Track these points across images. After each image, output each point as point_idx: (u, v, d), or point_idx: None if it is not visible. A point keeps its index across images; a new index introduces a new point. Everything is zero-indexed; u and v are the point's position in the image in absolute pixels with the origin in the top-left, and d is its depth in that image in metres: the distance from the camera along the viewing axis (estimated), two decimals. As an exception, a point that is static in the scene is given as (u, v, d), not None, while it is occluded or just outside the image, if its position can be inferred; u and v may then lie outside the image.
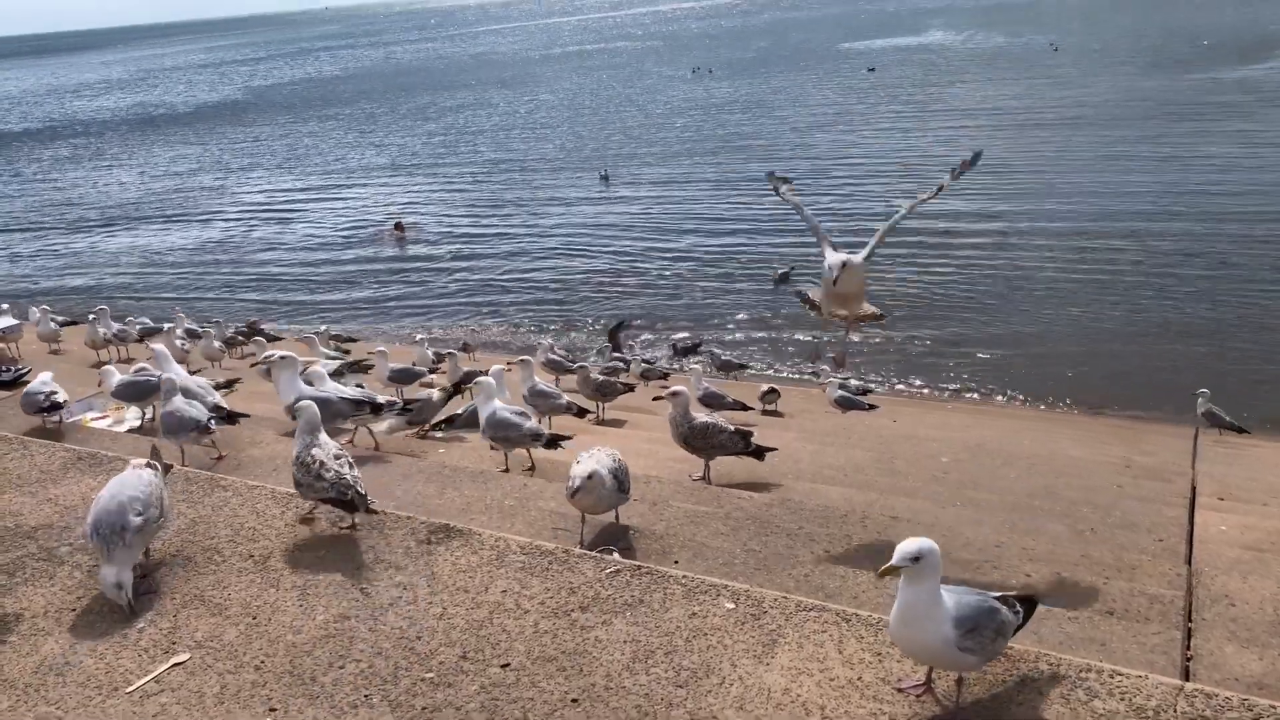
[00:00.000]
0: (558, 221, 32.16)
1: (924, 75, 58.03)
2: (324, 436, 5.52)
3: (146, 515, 4.74)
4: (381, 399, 8.13)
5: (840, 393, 12.36)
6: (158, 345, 9.80)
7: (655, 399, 7.63)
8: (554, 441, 7.53)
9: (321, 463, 5.25)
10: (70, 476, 6.33)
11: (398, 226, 32.59)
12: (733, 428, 7.65)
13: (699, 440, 7.46)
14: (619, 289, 24.45)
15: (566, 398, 9.62)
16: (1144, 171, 30.71)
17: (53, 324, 15.60)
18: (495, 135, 51.69)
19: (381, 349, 12.45)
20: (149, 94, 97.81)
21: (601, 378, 11.78)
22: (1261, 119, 36.24)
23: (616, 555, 5.21)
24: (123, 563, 4.62)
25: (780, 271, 22.78)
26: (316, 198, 39.50)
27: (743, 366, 17.13)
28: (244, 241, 33.64)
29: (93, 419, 9.38)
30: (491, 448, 7.68)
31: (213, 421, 7.39)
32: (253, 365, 12.48)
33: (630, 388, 12.14)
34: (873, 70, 60.77)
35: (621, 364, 15.79)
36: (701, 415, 7.71)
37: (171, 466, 5.61)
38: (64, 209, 41.38)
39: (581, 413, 9.81)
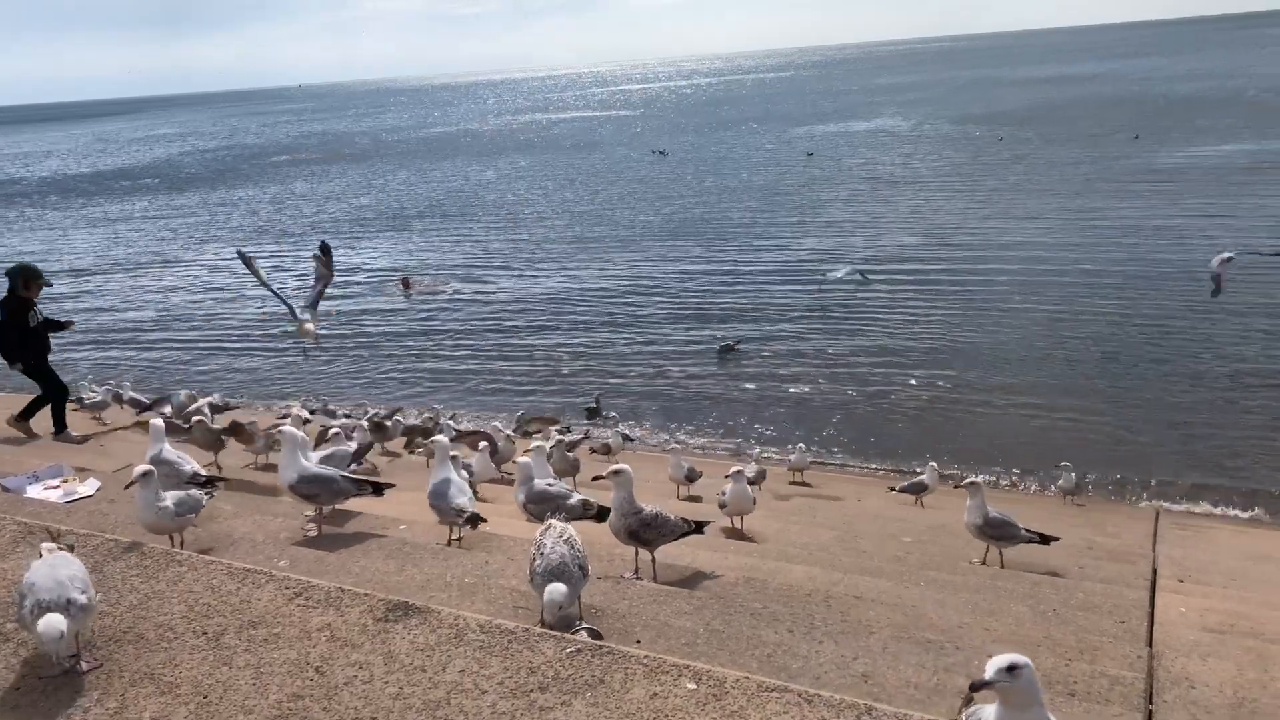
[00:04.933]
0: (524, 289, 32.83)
1: (860, 159, 60.44)
2: None
3: (88, 594, 4.65)
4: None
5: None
6: (155, 420, 9.08)
7: (595, 479, 7.14)
8: (475, 520, 7.47)
9: None
10: (20, 551, 6.17)
11: (404, 282, 33.00)
12: (674, 515, 7.05)
13: (650, 533, 6.82)
14: (566, 361, 24.67)
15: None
16: (1095, 246, 31.91)
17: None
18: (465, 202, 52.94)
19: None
20: (132, 159, 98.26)
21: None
22: (1183, 198, 38.55)
23: (584, 635, 5.15)
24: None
25: (725, 343, 23.32)
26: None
27: (629, 438, 16.33)
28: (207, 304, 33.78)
29: (42, 490, 9.09)
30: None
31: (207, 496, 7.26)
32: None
33: None
34: (811, 155, 62.72)
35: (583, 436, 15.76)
36: (647, 505, 6.93)
37: (74, 546, 5.44)
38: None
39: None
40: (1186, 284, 26.35)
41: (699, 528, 7.25)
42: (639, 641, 5.42)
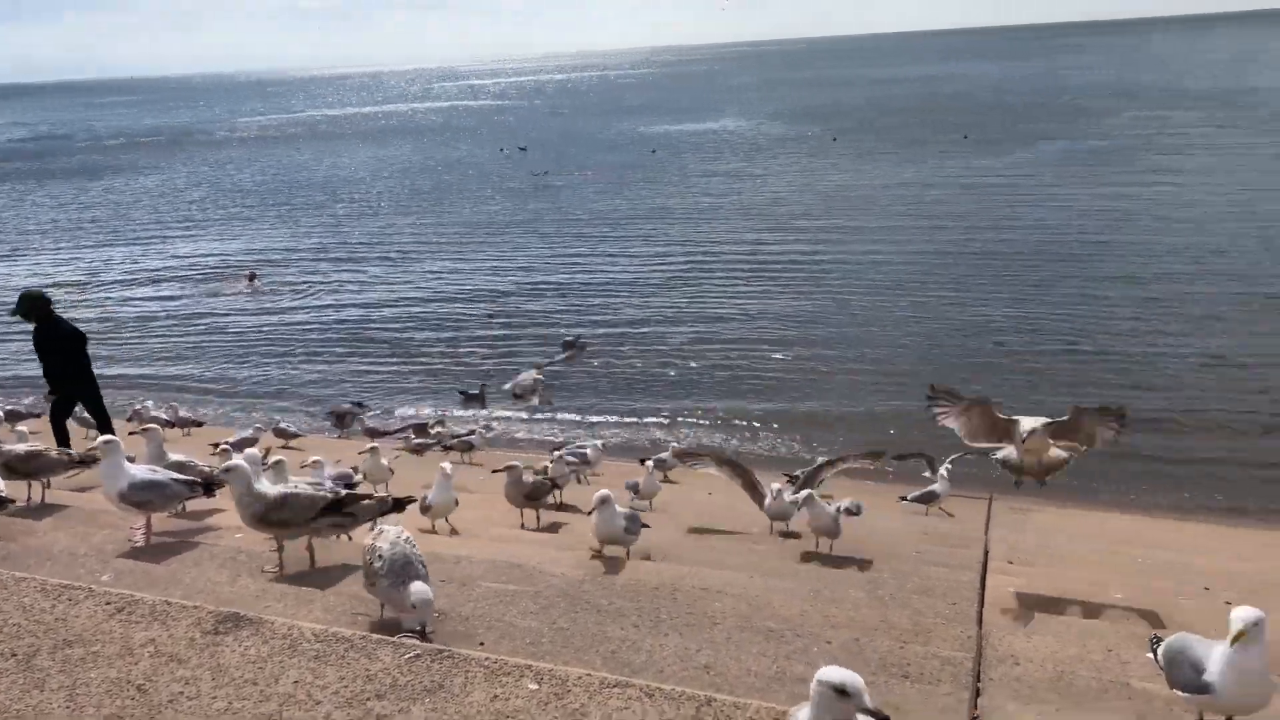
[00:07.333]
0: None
1: (702, 155, 62.42)
2: None
3: None
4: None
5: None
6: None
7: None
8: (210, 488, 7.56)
9: None
10: None
11: (250, 276, 31.95)
12: (319, 493, 6.56)
13: (284, 512, 6.30)
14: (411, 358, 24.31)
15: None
16: (924, 237, 33.69)
17: None
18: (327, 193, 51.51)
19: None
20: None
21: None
22: (1003, 192, 41.43)
23: (415, 640, 5.05)
24: None
25: (569, 338, 23.43)
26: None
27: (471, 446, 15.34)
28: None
29: None
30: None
31: None
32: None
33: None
34: (655, 152, 64.07)
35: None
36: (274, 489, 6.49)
37: None
38: None
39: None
40: (1013, 270, 28.11)
41: (397, 505, 6.70)
42: (482, 644, 5.35)
